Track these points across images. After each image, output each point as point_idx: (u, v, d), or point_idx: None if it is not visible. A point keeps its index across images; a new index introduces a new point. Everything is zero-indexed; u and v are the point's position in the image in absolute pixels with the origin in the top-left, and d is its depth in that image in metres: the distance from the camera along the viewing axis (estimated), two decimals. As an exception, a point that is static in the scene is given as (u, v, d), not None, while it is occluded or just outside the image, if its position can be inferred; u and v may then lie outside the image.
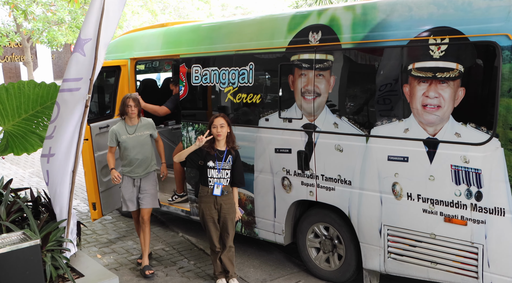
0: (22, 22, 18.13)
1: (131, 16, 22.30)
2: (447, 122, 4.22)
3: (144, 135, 5.83)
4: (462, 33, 4.07)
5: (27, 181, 10.58)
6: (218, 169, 5.17)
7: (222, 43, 5.96)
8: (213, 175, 5.17)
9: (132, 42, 7.39)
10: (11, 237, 3.87)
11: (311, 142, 5.18)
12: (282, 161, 5.49)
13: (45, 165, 4.53)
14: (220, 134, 5.11)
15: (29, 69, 20.86)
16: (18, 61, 30.42)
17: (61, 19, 17.80)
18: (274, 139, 5.53)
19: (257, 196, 5.83)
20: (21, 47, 24.58)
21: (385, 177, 4.67)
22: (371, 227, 4.86)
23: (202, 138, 5.07)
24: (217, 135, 5.12)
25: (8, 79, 29.90)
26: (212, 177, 5.17)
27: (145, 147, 5.82)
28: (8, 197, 4.82)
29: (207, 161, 5.17)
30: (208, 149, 5.16)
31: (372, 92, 4.80)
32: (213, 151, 5.17)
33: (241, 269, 5.85)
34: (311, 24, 5.07)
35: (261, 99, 5.64)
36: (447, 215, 4.34)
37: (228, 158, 5.20)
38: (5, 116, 5.23)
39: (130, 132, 5.77)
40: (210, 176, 5.17)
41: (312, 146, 5.18)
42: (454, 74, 4.14)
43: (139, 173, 5.81)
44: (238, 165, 5.29)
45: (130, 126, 5.81)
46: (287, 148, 5.42)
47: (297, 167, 5.34)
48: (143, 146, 5.80)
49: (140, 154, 5.76)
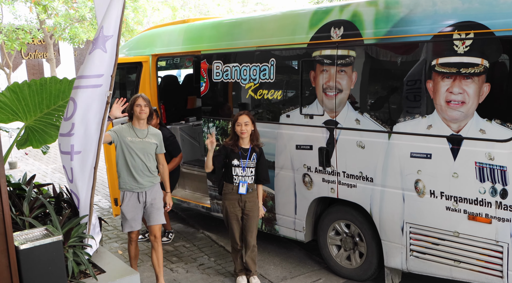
0: (45, 19, 18.32)
1: (151, 12, 22.38)
2: (472, 119, 4.15)
3: (152, 144, 5.15)
4: (488, 28, 3.98)
5: (50, 176, 10.71)
6: (243, 167, 5.11)
7: (244, 39, 5.94)
8: (238, 173, 5.12)
9: (154, 38, 7.41)
10: (34, 232, 3.90)
11: (333, 138, 5.14)
12: (303, 158, 5.45)
13: (69, 162, 4.55)
14: (245, 132, 5.05)
15: (52, 66, 21.09)
16: (41, 58, 30.79)
17: (82, 16, 17.95)
18: (295, 135, 5.50)
19: (277, 192, 5.81)
20: (44, 44, 24.85)
21: (407, 174, 4.61)
22: (393, 225, 4.81)
23: (213, 141, 4.98)
24: (242, 133, 5.06)
25: (32, 76, 30.30)
26: (237, 175, 5.12)
27: (150, 156, 5.15)
28: (31, 193, 4.86)
29: (232, 159, 5.11)
30: (232, 146, 5.10)
31: (394, 88, 4.74)
32: (237, 148, 5.10)
33: (262, 266, 5.84)
34: (333, 19, 5.02)
35: (282, 96, 5.61)
36: (471, 213, 4.27)
37: (252, 156, 5.15)
38: (27, 112, 5.28)
39: (140, 136, 5.10)
40: (235, 174, 5.11)
41: (333, 143, 5.14)
42: (479, 69, 4.06)
43: (144, 185, 5.13)
44: (263, 162, 5.23)
45: (139, 129, 5.12)
46: (308, 144, 5.38)
47: (318, 164, 5.30)
48: (150, 155, 5.15)
49: (147, 161, 5.11)
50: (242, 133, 5.06)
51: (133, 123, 5.15)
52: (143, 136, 5.10)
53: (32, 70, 31.23)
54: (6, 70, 19.84)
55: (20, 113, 5.30)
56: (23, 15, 19.33)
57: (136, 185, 5.10)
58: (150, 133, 5.17)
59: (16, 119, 5.38)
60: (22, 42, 18.46)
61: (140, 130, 5.12)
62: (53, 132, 5.55)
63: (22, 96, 5.17)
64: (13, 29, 18.25)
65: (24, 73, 29.48)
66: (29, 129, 5.49)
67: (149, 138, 5.13)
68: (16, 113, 5.31)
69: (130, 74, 7.41)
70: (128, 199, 5.13)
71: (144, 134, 5.12)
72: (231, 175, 5.13)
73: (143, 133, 5.12)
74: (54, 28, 18.29)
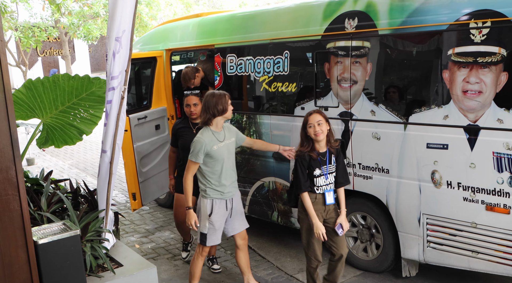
0: (59, 17, 18.46)
1: (165, 6, 22.44)
2: (489, 108, 4.09)
3: (232, 143, 4.74)
4: (505, 16, 3.92)
5: (67, 172, 10.80)
6: (325, 175, 4.46)
7: (257, 32, 5.92)
8: (321, 183, 4.45)
9: (167, 33, 7.42)
10: (52, 227, 3.95)
11: (348, 130, 5.11)
12: (318, 150, 5.43)
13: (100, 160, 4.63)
14: (320, 133, 4.35)
15: (67, 63, 21.27)
16: (56, 55, 31.08)
17: (96, 13, 18.06)
18: (310, 128, 5.47)
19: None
20: (59, 41, 25.07)
21: (424, 165, 4.57)
22: (409, 216, 4.77)
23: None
24: (316, 135, 4.36)
25: (48, 73, 30.58)
26: (321, 186, 4.46)
27: (232, 156, 4.75)
28: (48, 188, 4.92)
29: (313, 169, 4.41)
30: (310, 152, 4.41)
31: (410, 79, 4.69)
32: (316, 154, 4.41)
33: (278, 259, 5.84)
34: (347, 10, 4.98)
35: (297, 88, 5.58)
36: (488, 203, 4.23)
37: (332, 159, 4.49)
38: (42, 109, 5.33)
39: (221, 139, 4.62)
40: (318, 185, 4.44)
41: (348, 134, 5.11)
42: (496, 58, 4.01)
43: (232, 191, 4.73)
44: (342, 162, 4.59)
45: (218, 133, 4.61)
46: (323, 137, 5.36)
47: (334, 156, 5.28)
48: (232, 155, 4.75)
49: (231, 163, 4.72)
50: (317, 135, 4.34)
51: (214, 127, 4.61)
52: (223, 138, 4.64)
53: (48, 68, 31.55)
54: (22, 68, 20.05)
55: (37, 110, 5.36)
56: (39, 13, 19.50)
57: (225, 192, 4.67)
58: (226, 132, 4.71)
59: (33, 116, 5.45)
60: (38, 40, 18.64)
61: (219, 133, 4.63)
62: (72, 133, 5.61)
63: (37, 93, 5.23)
64: (29, 26, 18.43)
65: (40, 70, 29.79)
66: (48, 127, 5.54)
67: (228, 139, 4.68)
68: (33, 110, 5.37)
69: (144, 70, 7.43)
70: (218, 207, 4.66)
71: (223, 136, 4.65)
72: (312, 185, 4.45)
73: (221, 135, 4.65)
74: (68, 26, 18.44)
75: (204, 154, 4.48)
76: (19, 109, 5.31)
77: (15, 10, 18.58)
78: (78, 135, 5.65)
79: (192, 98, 5.39)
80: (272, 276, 5.42)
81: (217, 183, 4.61)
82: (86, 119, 5.54)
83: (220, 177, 4.60)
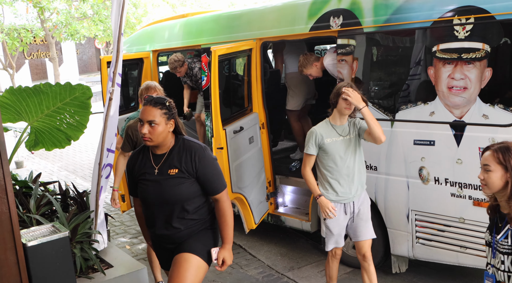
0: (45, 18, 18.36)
1: (152, 9, 22.41)
2: (474, 104, 4.13)
3: (354, 138, 4.24)
4: (488, 12, 3.96)
5: (56, 174, 10.75)
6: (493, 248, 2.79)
7: (243, 31, 5.93)
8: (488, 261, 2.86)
9: (153, 34, 7.41)
10: (41, 229, 3.93)
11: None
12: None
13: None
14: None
15: (55, 65, 21.14)
16: (44, 57, 30.89)
17: (84, 14, 17.97)
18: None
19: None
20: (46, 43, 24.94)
21: (411, 162, 4.61)
22: (398, 213, 4.81)
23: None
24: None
25: (35, 76, 30.41)
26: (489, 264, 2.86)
27: (358, 156, 4.27)
28: (37, 191, 4.90)
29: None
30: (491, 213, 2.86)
31: (395, 76, 4.73)
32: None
33: (269, 257, 5.86)
34: (332, 9, 5.00)
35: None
36: (476, 199, 4.27)
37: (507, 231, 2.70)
38: (28, 112, 5.33)
39: (342, 134, 4.19)
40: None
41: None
42: (480, 54, 4.05)
43: (353, 194, 4.26)
44: None
45: (339, 126, 4.22)
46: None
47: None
48: (357, 154, 4.25)
49: (355, 165, 4.22)
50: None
51: (332, 119, 4.24)
52: (345, 133, 4.22)
53: (35, 70, 31.35)
54: (9, 70, 19.90)
55: (23, 113, 5.35)
56: (24, 15, 19.38)
57: (345, 195, 4.24)
58: (351, 127, 4.25)
59: (20, 119, 5.44)
60: (24, 43, 18.51)
61: (341, 127, 4.24)
62: (60, 137, 5.61)
63: (22, 97, 5.22)
64: (14, 28, 18.30)
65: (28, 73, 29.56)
66: (36, 130, 5.53)
67: (351, 133, 4.24)
68: (20, 114, 5.36)
69: (132, 71, 7.41)
70: (335, 211, 4.28)
71: (346, 130, 4.23)
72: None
73: (344, 129, 4.23)
74: (55, 26, 18.33)
75: (316, 146, 4.18)
76: (6, 113, 5.30)
77: (1, 13, 18.46)
78: (66, 139, 5.66)
79: (148, 111, 3.25)
80: (263, 275, 5.44)
81: (334, 185, 4.22)
82: (72, 125, 5.54)
83: (336, 179, 4.20)
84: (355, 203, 4.26)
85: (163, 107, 3.23)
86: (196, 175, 3.26)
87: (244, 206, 5.49)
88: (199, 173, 3.26)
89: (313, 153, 4.19)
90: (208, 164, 3.29)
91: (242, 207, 5.51)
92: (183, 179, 3.26)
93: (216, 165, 3.35)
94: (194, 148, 3.30)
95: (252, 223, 5.56)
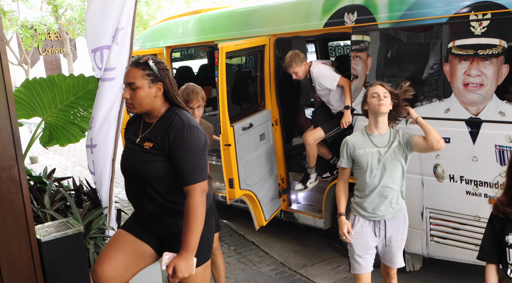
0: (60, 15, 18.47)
1: (166, 3, 22.44)
2: (491, 101, 4.08)
3: (397, 151, 3.69)
4: (505, 7, 3.90)
5: (70, 170, 10.83)
6: None
7: (257, 27, 5.91)
8: None
9: (167, 30, 7.42)
10: (55, 225, 3.95)
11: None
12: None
13: (90, 155, 4.61)
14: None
15: (69, 61, 21.28)
16: (58, 53, 31.07)
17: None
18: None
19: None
20: (60, 39, 25.09)
21: (426, 159, 4.56)
22: (412, 210, 4.76)
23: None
24: None
25: (50, 72, 30.61)
26: None
27: (395, 170, 3.70)
28: (51, 186, 4.92)
29: (507, 232, 2.69)
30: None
31: (410, 72, 4.69)
32: None
33: (281, 254, 5.85)
34: (346, 5, 4.97)
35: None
36: (492, 197, 4.22)
37: None
38: (42, 107, 5.35)
39: (379, 145, 3.69)
40: (510, 261, 2.68)
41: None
42: (497, 50, 3.99)
43: (384, 212, 3.73)
44: None
45: (377, 136, 3.72)
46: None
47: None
48: (393, 169, 3.69)
49: (388, 181, 3.68)
50: None
51: (368, 128, 3.75)
52: (383, 143, 3.68)
53: (50, 66, 31.55)
54: (24, 66, 20.08)
55: (37, 109, 5.37)
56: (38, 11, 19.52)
57: (372, 212, 3.74)
58: (393, 135, 3.71)
59: (35, 114, 5.47)
60: (39, 39, 18.65)
61: (379, 137, 3.70)
62: (75, 131, 5.63)
63: (36, 92, 5.25)
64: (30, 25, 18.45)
65: (42, 69, 29.80)
66: (50, 126, 5.56)
67: (393, 145, 3.67)
68: (34, 109, 5.39)
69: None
70: (361, 226, 3.79)
71: (385, 140, 3.69)
72: (506, 262, 2.71)
73: (383, 139, 3.69)
74: (69, 23, 18.44)
75: (348, 158, 3.75)
76: (20, 108, 5.33)
77: (16, 9, 18.61)
78: (81, 132, 5.67)
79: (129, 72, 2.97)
80: (276, 272, 5.43)
81: (362, 195, 3.77)
82: (86, 118, 5.55)
83: (367, 190, 3.73)
84: (387, 223, 3.74)
85: (145, 68, 2.87)
86: (169, 154, 2.83)
87: (254, 202, 5.48)
88: (172, 154, 2.82)
89: (345, 166, 3.77)
90: (182, 147, 2.81)
91: (252, 204, 5.50)
92: (155, 156, 2.86)
93: (194, 151, 2.82)
94: (175, 124, 2.85)
95: (262, 220, 5.56)
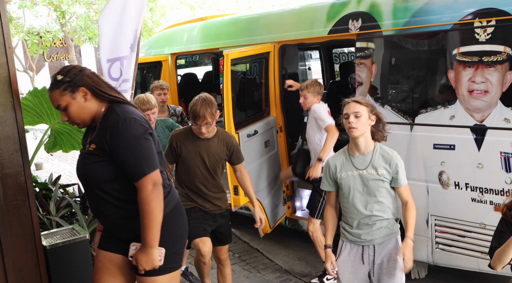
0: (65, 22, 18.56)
1: (170, 11, 22.53)
2: (495, 108, 4.08)
3: (381, 175, 3.38)
4: (510, 14, 3.91)
5: (75, 176, 10.82)
6: None
7: (261, 34, 5.93)
8: None
9: (172, 37, 7.45)
10: (61, 232, 3.96)
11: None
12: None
13: None
14: None
15: (74, 68, 21.32)
16: (63, 60, 31.18)
17: (103, 18, 18.10)
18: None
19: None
20: (65, 46, 25.18)
21: (431, 166, 4.56)
22: (418, 218, 4.71)
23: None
24: None
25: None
26: None
27: (382, 197, 3.41)
28: (57, 193, 4.95)
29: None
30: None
31: (415, 79, 4.69)
32: None
33: (286, 262, 5.84)
34: (350, 12, 4.99)
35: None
36: (497, 204, 4.21)
37: None
38: (50, 115, 5.38)
39: (360, 167, 3.38)
40: None
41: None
42: (501, 57, 4.00)
43: (372, 237, 3.43)
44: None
45: (358, 157, 3.41)
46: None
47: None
48: (380, 196, 3.40)
49: (374, 208, 3.40)
50: None
51: (350, 148, 3.46)
52: (364, 165, 3.38)
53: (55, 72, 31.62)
54: (30, 73, 20.17)
55: (44, 116, 5.40)
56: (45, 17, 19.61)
57: (360, 238, 3.45)
58: (376, 158, 3.39)
59: (41, 121, 5.49)
60: (45, 45, 18.73)
61: (359, 158, 3.41)
62: (79, 138, 5.64)
63: (44, 100, 5.27)
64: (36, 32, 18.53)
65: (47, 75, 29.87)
66: (56, 132, 5.59)
67: (375, 167, 3.37)
68: (41, 116, 5.41)
69: (150, 74, 7.45)
70: (348, 254, 3.51)
71: (366, 162, 3.38)
72: None
73: (364, 161, 3.40)
74: (74, 30, 18.52)
75: (331, 180, 3.51)
76: (26, 115, 5.35)
77: (22, 16, 18.71)
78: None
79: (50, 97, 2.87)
80: (281, 279, 5.42)
81: (349, 221, 3.49)
82: None
83: (351, 216, 3.47)
84: (376, 249, 3.44)
85: (59, 85, 2.71)
86: (111, 153, 2.71)
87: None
88: (113, 152, 2.69)
89: (328, 189, 3.54)
90: (121, 141, 2.67)
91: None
92: (98, 157, 2.75)
93: (134, 143, 2.67)
94: (110, 120, 2.72)
95: (267, 227, 5.55)
